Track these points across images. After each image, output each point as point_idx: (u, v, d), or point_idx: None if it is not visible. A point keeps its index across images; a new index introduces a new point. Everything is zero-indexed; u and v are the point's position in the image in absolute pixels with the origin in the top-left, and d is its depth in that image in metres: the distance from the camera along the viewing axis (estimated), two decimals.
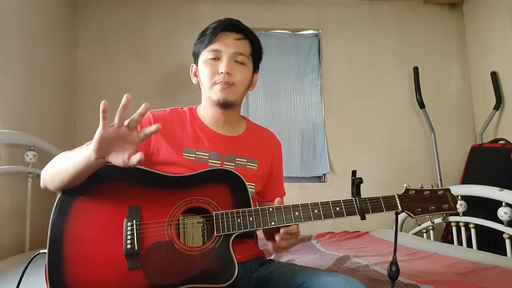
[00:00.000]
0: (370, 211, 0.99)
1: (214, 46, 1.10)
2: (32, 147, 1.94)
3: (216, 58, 1.10)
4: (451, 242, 2.15)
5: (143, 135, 0.85)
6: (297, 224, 0.98)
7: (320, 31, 2.98)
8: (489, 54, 2.79)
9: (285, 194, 1.31)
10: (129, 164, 0.84)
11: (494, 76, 2.69)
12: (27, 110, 2.02)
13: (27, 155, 1.92)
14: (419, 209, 1.02)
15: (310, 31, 3.00)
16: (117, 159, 0.85)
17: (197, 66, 1.17)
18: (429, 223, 2.26)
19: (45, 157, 1.99)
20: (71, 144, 2.53)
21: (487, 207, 1.86)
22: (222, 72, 1.08)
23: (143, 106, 0.82)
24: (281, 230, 0.96)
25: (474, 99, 2.99)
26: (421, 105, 2.77)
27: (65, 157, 0.95)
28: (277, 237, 0.97)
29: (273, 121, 2.86)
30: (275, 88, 2.92)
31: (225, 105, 1.11)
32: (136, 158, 0.83)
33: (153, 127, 0.83)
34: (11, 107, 1.87)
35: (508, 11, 2.60)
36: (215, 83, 1.09)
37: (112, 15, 2.80)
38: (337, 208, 0.98)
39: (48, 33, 2.31)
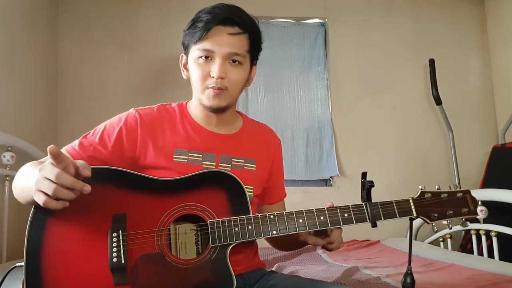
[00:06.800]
0: (382, 217, 0.98)
1: (206, 44, 1.03)
2: (9, 147, 1.94)
3: (208, 58, 1.05)
4: (471, 252, 2.16)
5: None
6: (338, 228, 1.01)
7: (326, 19, 2.97)
8: None
9: (286, 195, 1.31)
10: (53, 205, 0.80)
11: None
12: (3, 106, 2.01)
13: (4, 156, 1.91)
14: (435, 214, 1.01)
15: (316, 20, 2.99)
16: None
17: (187, 58, 1.13)
18: (446, 231, 2.26)
19: (24, 158, 1.97)
20: (53, 144, 2.52)
21: (511, 214, 1.86)
22: (213, 77, 1.03)
23: (84, 170, 0.80)
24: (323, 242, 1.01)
25: (496, 94, 2.98)
26: (438, 102, 2.76)
27: (24, 174, 0.96)
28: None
29: (275, 119, 2.86)
30: (277, 83, 2.91)
31: (217, 111, 1.10)
32: (86, 189, 0.80)
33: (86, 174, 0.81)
34: None
35: None
36: (206, 88, 1.05)
37: (98, 2, 2.79)
38: (346, 215, 0.98)
39: (27, 21, 2.30)
